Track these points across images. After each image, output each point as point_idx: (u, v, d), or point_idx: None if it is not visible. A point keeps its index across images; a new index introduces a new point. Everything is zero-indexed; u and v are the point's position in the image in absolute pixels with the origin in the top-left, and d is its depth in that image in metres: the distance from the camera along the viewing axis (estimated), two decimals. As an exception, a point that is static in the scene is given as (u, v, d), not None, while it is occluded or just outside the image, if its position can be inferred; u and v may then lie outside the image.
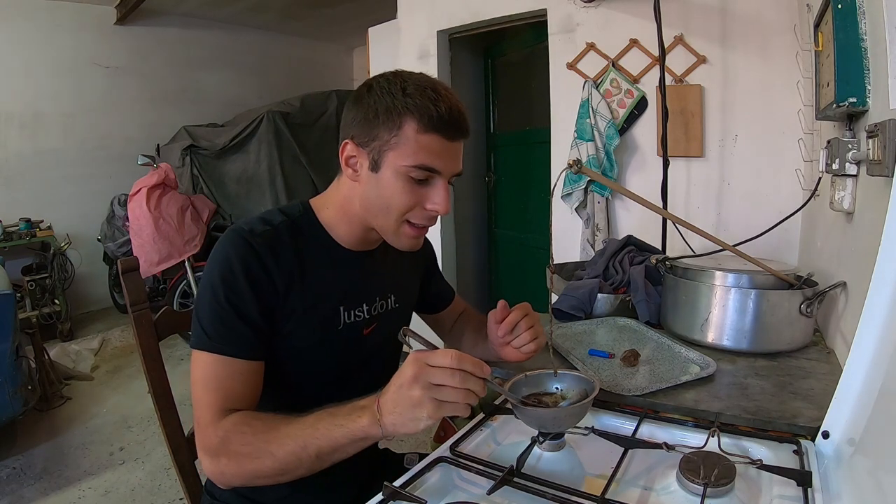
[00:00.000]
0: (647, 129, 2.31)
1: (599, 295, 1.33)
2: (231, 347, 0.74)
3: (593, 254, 1.95)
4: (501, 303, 0.92)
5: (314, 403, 0.72)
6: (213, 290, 0.75)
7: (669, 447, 0.71)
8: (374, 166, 0.78)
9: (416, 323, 1.01)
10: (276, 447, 0.68)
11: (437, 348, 0.66)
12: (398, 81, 0.76)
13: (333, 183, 0.88)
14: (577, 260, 1.83)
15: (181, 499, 1.95)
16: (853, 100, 0.96)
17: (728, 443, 0.74)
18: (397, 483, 0.65)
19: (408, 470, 0.71)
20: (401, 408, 0.64)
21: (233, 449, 0.70)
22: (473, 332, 1.07)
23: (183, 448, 1.01)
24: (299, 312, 0.80)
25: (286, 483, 0.74)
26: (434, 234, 2.92)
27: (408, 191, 0.77)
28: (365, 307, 0.88)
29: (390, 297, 0.93)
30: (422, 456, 0.98)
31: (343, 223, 0.86)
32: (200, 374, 0.74)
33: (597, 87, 2.33)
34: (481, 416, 0.85)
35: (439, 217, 0.83)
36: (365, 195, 0.81)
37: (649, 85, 2.26)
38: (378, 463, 1.04)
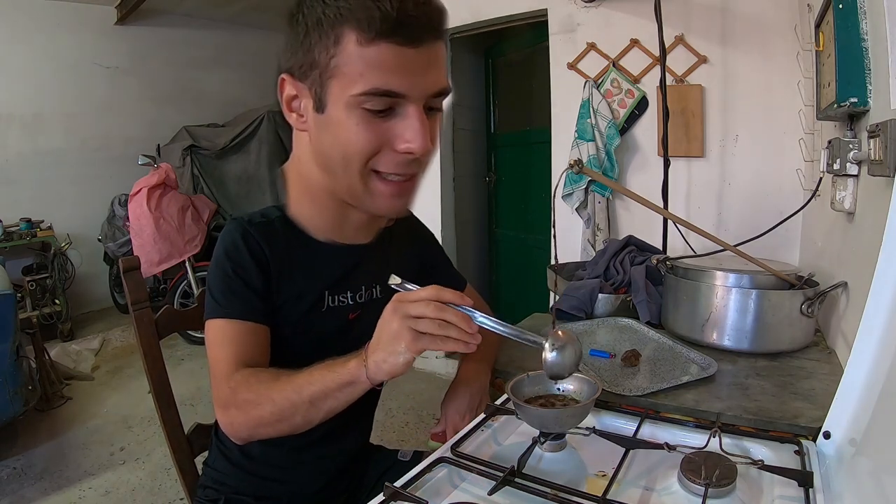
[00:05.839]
0: (647, 129, 2.31)
1: (600, 295, 1.33)
2: (240, 311, 0.76)
3: (594, 254, 1.96)
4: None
5: None
6: (221, 265, 0.78)
7: (671, 447, 0.71)
8: (319, 105, 0.62)
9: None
10: (276, 393, 0.70)
11: None
12: None
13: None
14: (578, 260, 1.82)
15: (181, 499, 1.95)
16: (854, 100, 0.96)
17: (729, 443, 0.74)
18: (398, 483, 0.65)
19: (406, 467, 0.71)
20: (382, 343, 0.64)
21: (240, 398, 0.72)
22: None
23: (183, 447, 1.01)
24: (287, 292, 0.81)
25: (285, 467, 0.75)
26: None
27: (365, 129, 0.60)
28: (349, 294, 0.87)
29: (375, 287, 0.91)
30: (417, 452, 0.98)
31: (309, 206, 0.79)
32: (214, 337, 0.77)
33: (597, 87, 2.33)
34: (482, 416, 0.85)
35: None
36: (317, 147, 0.66)
37: (650, 85, 2.26)
38: (372, 458, 1.03)
